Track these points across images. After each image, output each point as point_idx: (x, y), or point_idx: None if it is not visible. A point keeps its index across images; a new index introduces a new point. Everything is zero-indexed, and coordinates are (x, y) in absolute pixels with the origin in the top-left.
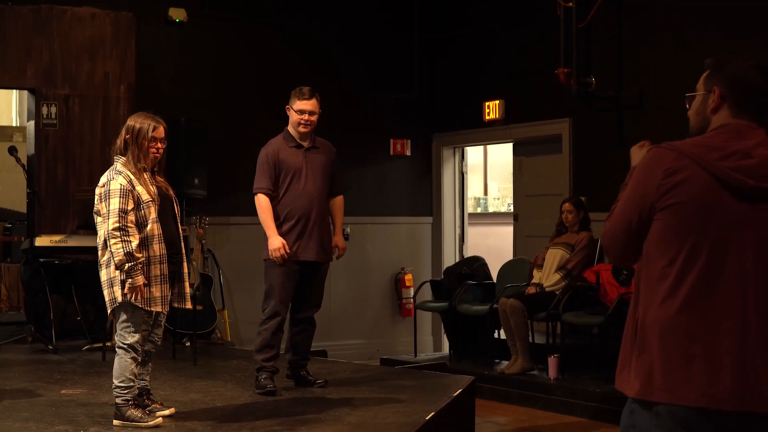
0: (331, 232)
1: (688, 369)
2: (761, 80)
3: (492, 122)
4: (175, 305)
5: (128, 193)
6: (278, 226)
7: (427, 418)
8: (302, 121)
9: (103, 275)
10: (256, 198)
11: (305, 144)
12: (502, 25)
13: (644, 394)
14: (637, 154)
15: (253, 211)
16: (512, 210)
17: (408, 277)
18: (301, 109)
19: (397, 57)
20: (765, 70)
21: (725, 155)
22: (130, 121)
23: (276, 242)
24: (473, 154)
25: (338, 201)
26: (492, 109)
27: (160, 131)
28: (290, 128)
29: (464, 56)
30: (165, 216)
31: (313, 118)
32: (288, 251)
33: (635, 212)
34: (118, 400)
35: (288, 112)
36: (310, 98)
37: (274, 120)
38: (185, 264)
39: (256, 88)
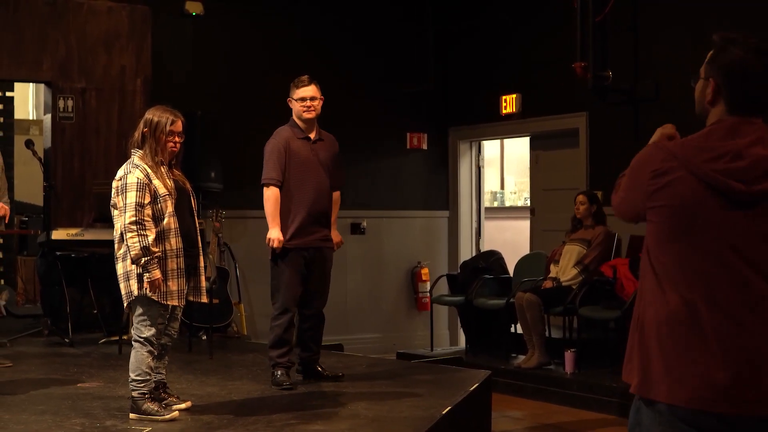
0: (330, 226)
1: (683, 370)
2: (763, 68)
3: (508, 116)
4: (191, 299)
5: (145, 186)
6: (286, 219)
7: (443, 412)
8: (305, 108)
9: (120, 268)
10: (265, 189)
11: (312, 136)
12: (518, 18)
13: (641, 390)
14: (657, 134)
15: None
16: (529, 204)
17: (424, 271)
18: (302, 96)
19: (411, 49)
20: None
21: (715, 157)
22: (148, 115)
23: (275, 233)
24: (490, 148)
25: (335, 196)
26: (509, 103)
27: (178, 125)
28: (295, 119)
29: (479, 49)
30: (182, 210)
31: (315, 103)
32: (280, 247)
33: (632, 205)
34: (134, 394)
35: (290, 104)
36: (309, 84)
37: (289, 114)
38: (201, 258)
39: (270, 82)
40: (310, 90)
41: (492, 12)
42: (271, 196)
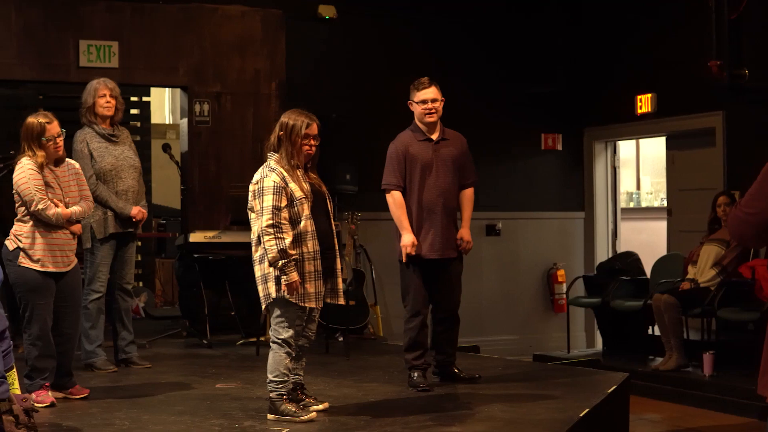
0: (458, 226)
1: None
2: None
3: (644, 116)
4: (328, 301)
5: (282, 190)
6: (411, 223)
7: (581, 414)
8: (427, 111)
9: (258, 271)
10: (388, 195)
11: (434, 137)
12: (650, 15)
13: None
14: None
15: None
16: (665, 205)
17: (560, 272)
18: (423, 99)
19: (541, 49)
20: None
21: None
22: (284, 118)
23: (407, 239)
24: (625, 148)
25: (468, 193)
26: (644, 103)
27: (314, 128)
28: (417, 122)
29: (612, 48)
30: (318, 212)
31: (436, 105)
32: (415, 251)
33: (760, 212)
34: (272, 395)
35: (411, 107)
36: (429, 86)
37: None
38: (338, 260)
39: (402, 85)
40: (431, 92)
41: (623, 9)
42: (394, 200)
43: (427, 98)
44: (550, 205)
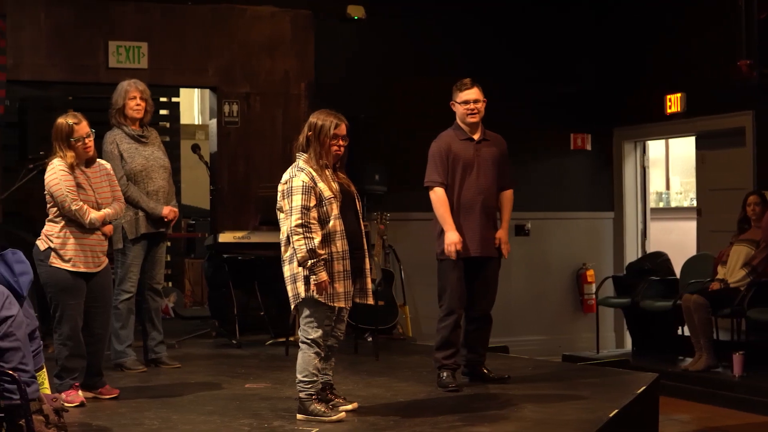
0: (497, 227)
1: None
2: None
3: (673, 115)
4: (357, 300)
5: (310, 189)
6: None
7: (610, 414)
8: (469, 111)
9: (287, 271)
10: (431, 192)
11: (476, 137)
12: (679, 14)
13: None
14: None
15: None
16: (695, 205)
17: (589, 272)
18: (466, 99)
19: (570, 49)
20: None
21: None
22: (313, 118)
23: (453, 237)
24: (654, 148)
25: (507, 195)
26: (673, 102)
27: (342, 128)
28: (459, 122)
29: (642, 47)
30: (347, 212)
31: (479, 105)
32: (461, 248)
33: None
34: (301, 395)
35: (453, 108)
36: (472, 87)
37: (449, 116)
38: (367, 260)
39: (429, 85)
40: (473, 93)
41: (650, 9)
42: (437, 197)
43: (469, 99)
44: (580, 205)
